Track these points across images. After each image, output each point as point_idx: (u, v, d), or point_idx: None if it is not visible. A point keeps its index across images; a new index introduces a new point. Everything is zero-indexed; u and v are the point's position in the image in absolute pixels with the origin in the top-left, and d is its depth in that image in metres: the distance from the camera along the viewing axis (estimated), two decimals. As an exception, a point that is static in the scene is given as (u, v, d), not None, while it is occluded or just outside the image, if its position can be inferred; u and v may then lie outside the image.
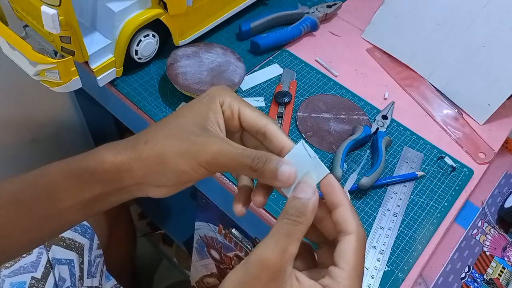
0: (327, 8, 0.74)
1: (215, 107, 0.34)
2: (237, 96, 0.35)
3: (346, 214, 0.30)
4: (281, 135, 0.33)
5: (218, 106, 0.34)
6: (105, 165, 0.34)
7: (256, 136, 0.35)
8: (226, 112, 0.34)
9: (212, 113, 0.33)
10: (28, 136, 0.89)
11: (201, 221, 0.75)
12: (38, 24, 0.50)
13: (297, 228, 0.29)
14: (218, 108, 0.34)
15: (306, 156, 0.31)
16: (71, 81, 0.53)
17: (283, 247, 0.28)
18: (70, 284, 0.67)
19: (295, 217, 0.29)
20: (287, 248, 0.28)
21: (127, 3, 0.53)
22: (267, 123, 0.34)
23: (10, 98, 0.80)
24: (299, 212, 0.29)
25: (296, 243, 0.29)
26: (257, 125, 0.34)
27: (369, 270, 0.48)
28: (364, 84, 0.67)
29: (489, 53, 0.64)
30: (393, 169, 0.57)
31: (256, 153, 0.31)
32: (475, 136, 0.63)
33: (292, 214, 0.29)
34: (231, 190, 0.53)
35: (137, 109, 0.59)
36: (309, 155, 0.31)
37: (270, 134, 0.33)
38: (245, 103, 0.35)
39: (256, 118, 0.34)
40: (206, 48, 0.61)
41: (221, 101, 0.34)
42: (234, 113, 0.34)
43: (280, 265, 0.28)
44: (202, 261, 0.85)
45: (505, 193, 0.63)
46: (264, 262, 0.28)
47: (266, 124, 0.34)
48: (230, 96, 0.35)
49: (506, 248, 0.57)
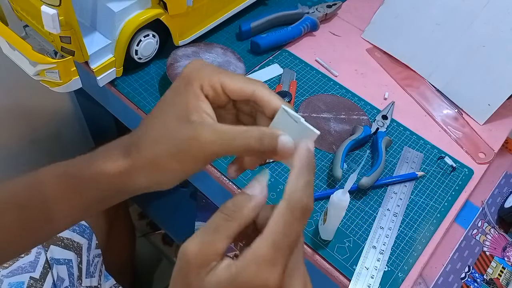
0: (327, 8, 0.74)
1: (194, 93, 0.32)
2: (214, 67, 0.33)
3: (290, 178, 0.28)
4: (271, 98, 0.31)
5: (197, 91, 0.32)
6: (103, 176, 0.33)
7: (248, 103, 0.33)
8: (209, 94, 0.32)
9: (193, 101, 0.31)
10: (28, 136, 0.89)
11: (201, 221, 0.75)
12: (38, 24, 0.50)
13: (227, 224, 0.27)
14: (197, 93, 0.32)
15: (292, 122, 0.30)
16: (71, 81, 0.53)
17: (207, 241, 0.26)
18: (68, 284, 0.67)
19: (230, 211, 0.27)
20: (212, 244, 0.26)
21: (127, 3, 0.53)
22: (253, 89, 0.31)
23: (10, 98, 0.80)
24: (236, 207, 0.27)
25: (224, 240, 0.27)
26: (245, 94, 0.32)
27: (369, 270, 0.48)
28: (364, 84, 0.67)
29: (489, 53, 0.64)
30: (393, 169, 0.57)
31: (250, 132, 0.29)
32: (475, 136, 0.63)
33: (227, 207, 0.27)
34: (231, 190, 0.53)
35: (137, 109, 0.59)
36: (294, 120, 0.30)
37: (260, 101, 0.31)
38: (225, 73, 0.32)
39: (241, 87, 0.32)
40: (206, 48, 0.61)
41: (200, 85, 0.32)
42: (217, 90, 0.32)
43: (201, 260, 0.26)
44: (202, 261, 0.85)
45: (505, 193, 0.63)
46: (186, 255, 0.26)
47: (253, 91, 0.31)
48: (207, 73, 0.32)
49: (506, 248, 0.57)
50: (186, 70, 0.33)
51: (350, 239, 0.50)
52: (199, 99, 0.31)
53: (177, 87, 0.33)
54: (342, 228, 0.51)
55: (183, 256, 0.26)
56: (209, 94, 0.32)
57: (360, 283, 0.47)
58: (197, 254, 0.26)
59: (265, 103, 0.31)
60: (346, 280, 0.47)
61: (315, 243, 0.49)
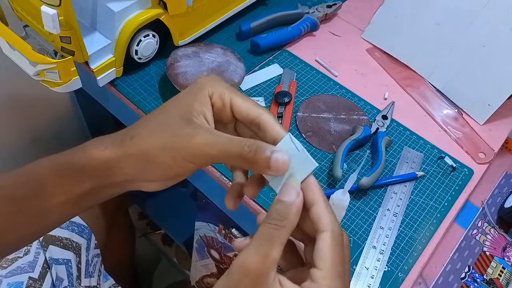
0: (327, 8, 0.74)
1: (203, 98, 0.32)
2: (228, 85, 0.34)
3: (320, 211, 0.30)
4: (274, 125, 0.32)
5: (206, 97, 0.32)
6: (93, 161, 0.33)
7: (250, 126, 0.33)
8: (216, 103, 0.33)
9: (198, 104, 0.32)
10: (28, 136, 0.89)
11: (201, 221, 0.75)
12: (38, 24, 0.50)
13: (279, 232, 0.28)
14: (205, 99, 0.32)
15: (294, 149, 0.30)
16: (71, 81, 0.53)
17: (265, 252, 0.27)
18: (67, 284, 0.67)
19: (277, 221, 0.28)
20: (269, 253, 0.27)
21: (127, 3, 0.53)
22: (260, 113, 0.32)
23: (10, 98, 0.80)
24: (282, 216, 0.29)
25: (278, 247, 0.28)
26: (250, 116, 0.33)
27: (369, 270, 0.48)
28: (364, 84, 0.67)
29: (489, 53, 0.64)
30: (393, 169, 0.57)
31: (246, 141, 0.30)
32: (475, 136, 0.63)
33: (274, 218, 0.29)
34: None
35: (137, 109, 0.59)
36: (296, 148, 0.30)
37: (264, 125, 0.32)
38: (237, 92, 0.33)
39: (249, 109, 0.33)
40: (206, 48, 0.61)
41: (210, 92, 0.33)
42: (225, 103, 0.33)
43: (261, 271, 0.27)
44: (202, 261, 0.85)
45: (505, 193, 0.63)
46: (246, 268, 0.27)
47: (259, 114, 0.32)
48: (221, 86, 0.33)
49: (506, 248, 0.57)
50: (201, 78, 0.34)
51: (350, 239, 0.50)
52: (204, 105, 0.32)
53: (189, 89, 0.33)
54: (342, 228, 0.51)
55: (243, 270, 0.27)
56: (216, 104, 0.33)
57: (360, 283, 0.47)
58: (256, 265, 0.27)
59: (269, 127, 0.32)
60: (346, 280, 0.47)
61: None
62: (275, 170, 0.30)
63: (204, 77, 0.34)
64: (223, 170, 0.53)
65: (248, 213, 0.53)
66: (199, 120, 0.32)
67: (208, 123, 0.32)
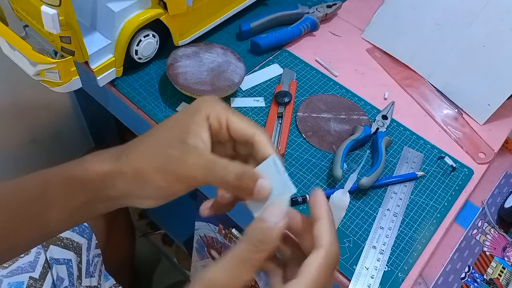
0: (327, 8, 0.74)
1: (199, 119, 0.33)
2: (225, 106, 0.34)
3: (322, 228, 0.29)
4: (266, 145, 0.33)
5: (202, 119, 0.33)
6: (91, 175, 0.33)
7: (246, 145, 0.34)
8: (213, 125, 0.33)
9: (194, 126, 0.33)
10: (28, 136, 0.89)
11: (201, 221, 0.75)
12: (38, 24, 0.50)
13: (258, 255, 0.27)
14: (202, 120, 0.33)
15: (275, 172, 0.31)
16: (71, 81, 0.53)
17: (238, 274, 0.27)
18: (68, 283, 0.67)
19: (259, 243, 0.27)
20: (242, 276, 0.27)
21: (127, 3, 0.53)
22: (255, 132, 0.33)
23: (10, 99, 0.80)
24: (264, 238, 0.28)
25: (252, 270, 0.27)
26: (246, 135, 0.33)
27: (369, 270, 0.48)
28: (364, 84, 0.67)
29: (489, 53, 0.64)
30: (393, 169, 0.57)
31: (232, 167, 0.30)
32: (475, 136, 0.63)
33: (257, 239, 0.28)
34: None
35: (137, 109, 0.59)
36: (277, 172, 0.31)
37: (257, 145, 0.33)
38: (233, 112, 0.34)
39: (244, 128, 0.33)
40: (206, 48, 0.61)
41: (207, 113, 0.33)
42: (222, 124, 0.33)
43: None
44: (202, 261, 0.85)
45: (505, 193, 0.63)
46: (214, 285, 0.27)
47: (253, 134, 0.33)
48: (218, 107, 0.34)
49: (506, 248, 0.57)
50: (199, 99, 0.35)
51: (350, 239, 0.50)
52: (201, 126, 0.33)
53: (186, 111, 0.34)
54: (342, 228, 0.51)
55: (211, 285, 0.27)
56: (213, 125, 0.33)
57: (360, 283, 0.47)
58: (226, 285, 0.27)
59: (261, 146, 0.33)
60: (346, 280, 0.47)
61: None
62: (258, 197, 0.30)
63: (202, 98, 0.35)
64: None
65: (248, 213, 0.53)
66: (194, 141, 0.32)
67: (204, 144, 0.32)
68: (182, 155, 0.31)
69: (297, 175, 0.55)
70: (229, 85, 0.58)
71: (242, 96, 0.62)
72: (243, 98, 0.62)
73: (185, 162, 0.31)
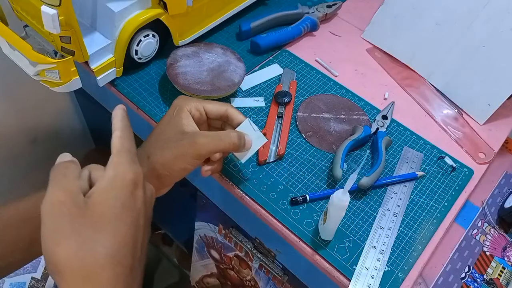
0: (327, 8, 0.74)
1: (185, 114, 0.45)
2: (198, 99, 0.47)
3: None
4: (238, 114, 0.47)
5: (187, 113, 0.45)
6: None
7: (220, 119, 0.48)
8: (195, 115, 0.46)
9: (184, 120, 0.44)
10: (28, 136, 0.89)
11: (201, 221, 0.75)
12: (38, 24, 0.50)
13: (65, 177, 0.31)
14: (187, 114, 0.45)
15: (252, 130, 0.47)
16: (71, 81, 0.53)
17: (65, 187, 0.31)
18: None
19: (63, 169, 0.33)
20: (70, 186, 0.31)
21: (127, 3, 0.53)
22: (226, 109, 0.47)
23: (10, 98, 0.80)
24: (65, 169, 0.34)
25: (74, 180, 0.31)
26: (220, 113, 0.47)
27: (369, 270, 0.48)
28: (364, 84, 0.67)
29: (489, 53, 0.64)
30: (393, 169, 0.57)
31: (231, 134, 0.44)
32: (475, 136, 0.63)
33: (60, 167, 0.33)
34: (231, 190, 0.53)
35: (137, 109, 0.59)
36: (253, 129, 0.47)
37: (231, 116, 0.47)
38: (205, 101, 0.47)
39: (218, 109, 0.47)
40: (206, 48, 0.61)
41: (188, 109, 0.45)
42: (201, 112, 0.46)
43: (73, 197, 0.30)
44: (202, 261, 0.85)
45: (505, 193, 0.63)
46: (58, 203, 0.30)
47: (226, 109, 0.47)
48: (193, 102, 0.46)
49: (506, 248, 0.57)
50: (176, 101, 0.46)
51: (350, 239, 0.50)
52: (188, 118, 0.45)
53: (171, 112, 0.46)
54: (342, 228, 0.51)
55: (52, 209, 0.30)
56: (195, 115, 0.46)
57: (360, 283, 0.47)
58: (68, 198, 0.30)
59: (235, 116, 0.47)
60: (346, 280, 0.47)
61: (315, 243, 0.49)
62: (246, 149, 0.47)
63: (178, 100, 0.46)
64: (222, 171, 0.53)
65: (248, 213, 0.53)
66: (190, 129, 0.44)
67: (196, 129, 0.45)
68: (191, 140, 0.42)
69: (297, 175, 0.55)
70: (229, 85, 0.58)
71: (242, 96, 0.62)
72: (243, 98, 0.62)
73: (196, 143, 0.42)
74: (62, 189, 0.30)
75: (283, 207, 0.51)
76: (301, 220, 0.51)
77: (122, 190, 0.31)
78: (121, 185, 0.31)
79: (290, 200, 0.52)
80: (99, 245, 0.29)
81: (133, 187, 0.32)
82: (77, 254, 0.28)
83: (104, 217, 0.30)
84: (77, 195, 0.30)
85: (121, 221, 0.30)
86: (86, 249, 0.29)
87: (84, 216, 0.29)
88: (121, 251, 0.30)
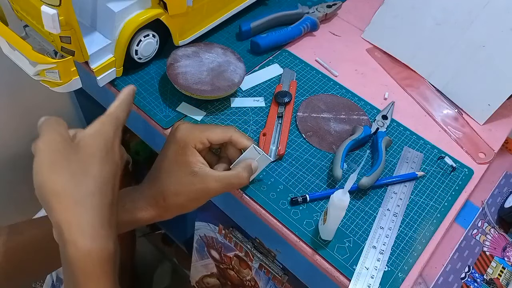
0: (327, 8, 0.74)
1: (191, 152, 0.46)
2: (200, 127, 0.47)
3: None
4: (242, 139, 0.48)
5: (192, 150, 0.46)
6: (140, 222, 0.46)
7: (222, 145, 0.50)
8: (200, 148, 0.47)
9: (191, 158, 0.46)
10: (28, 136, 0.88)
11: (201, 221, 0.75)
12: (38, 24, 0.50)
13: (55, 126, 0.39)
14: (192, 151, 0.46)
15: (257, 153, 0.48)
16: (71, 81, 0.53)
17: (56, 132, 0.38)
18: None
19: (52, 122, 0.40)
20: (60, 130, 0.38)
21: (127, 3, 0.53)
22: (231, 135, 0.47)
23: (10, 98, 0.80)
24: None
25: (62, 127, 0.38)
26: (224, 139, 0.48)
27: (369, 270, 0.48)
28: (364, 84, 0.67)
29: (489, 53, 0.64)
30: (393, 169, 0.57)
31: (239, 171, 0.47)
32: (475, 136, 0.63)
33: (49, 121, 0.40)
34: (231, 191, 0.53)
35: (137, 109, 0.59)
36: (258, 153, 0.48)
37: (235, 141, 0.48)
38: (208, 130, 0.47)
39: (222, 137, 0.47)
40: (206, 48, 0.61)
41: (193, 144, 0.46)
42: (205, 143, 0.47)
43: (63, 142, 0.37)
44: (202, 261, 0.85)
45: (505, 193, 0.63)
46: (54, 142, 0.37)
47: (230, 136, 0.47)
48: (197, 135, 0.46)
49: (506, 248, 0.57)
50: (178, 135, 0.46)
51: (350, 239, 0.50)
52: (195, 156, 0.46)
53: (176, 149, 0.46)
54: (342, 228, 0.51)
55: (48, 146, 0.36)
56: (200, 148, 0.47)
57: (360, 283, 0.47)
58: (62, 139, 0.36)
59: (240, 141, 0.48)
60: (346, 280, 0.47)
61: (315, 243, 0.49)
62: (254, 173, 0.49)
63: (180, 133, 0.46)
64: (223, 170, 0.53)
65: (248, 213, 0.53)
66: (199, 168, 0.45)
67: (204, 164, 0.46)
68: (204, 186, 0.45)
69: (297, 175, 0.55)
70: (229, 85, 0.58)
71: (242, 96, 0.62)
72: (243, 98, 0.62)
73: (208, 187, 0.45)
74: (57, 133, 0.36)
75: (283, 207, 0.51)
76: (301, 220, 0.51)
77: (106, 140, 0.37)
78: (105, 136, 0.37)
79: (290, 200, 0.52)
80: (89, 177, 0.35)
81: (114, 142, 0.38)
82: (72, 180, 0.34)
83: (93, 157, 0.36)
84: (69, 138, 0.36)
85: (106, 162, 0.36)
86: (79, 178, 0.34)
87: (76, 154, 0.35)
88: (106, 185, 0.36)
